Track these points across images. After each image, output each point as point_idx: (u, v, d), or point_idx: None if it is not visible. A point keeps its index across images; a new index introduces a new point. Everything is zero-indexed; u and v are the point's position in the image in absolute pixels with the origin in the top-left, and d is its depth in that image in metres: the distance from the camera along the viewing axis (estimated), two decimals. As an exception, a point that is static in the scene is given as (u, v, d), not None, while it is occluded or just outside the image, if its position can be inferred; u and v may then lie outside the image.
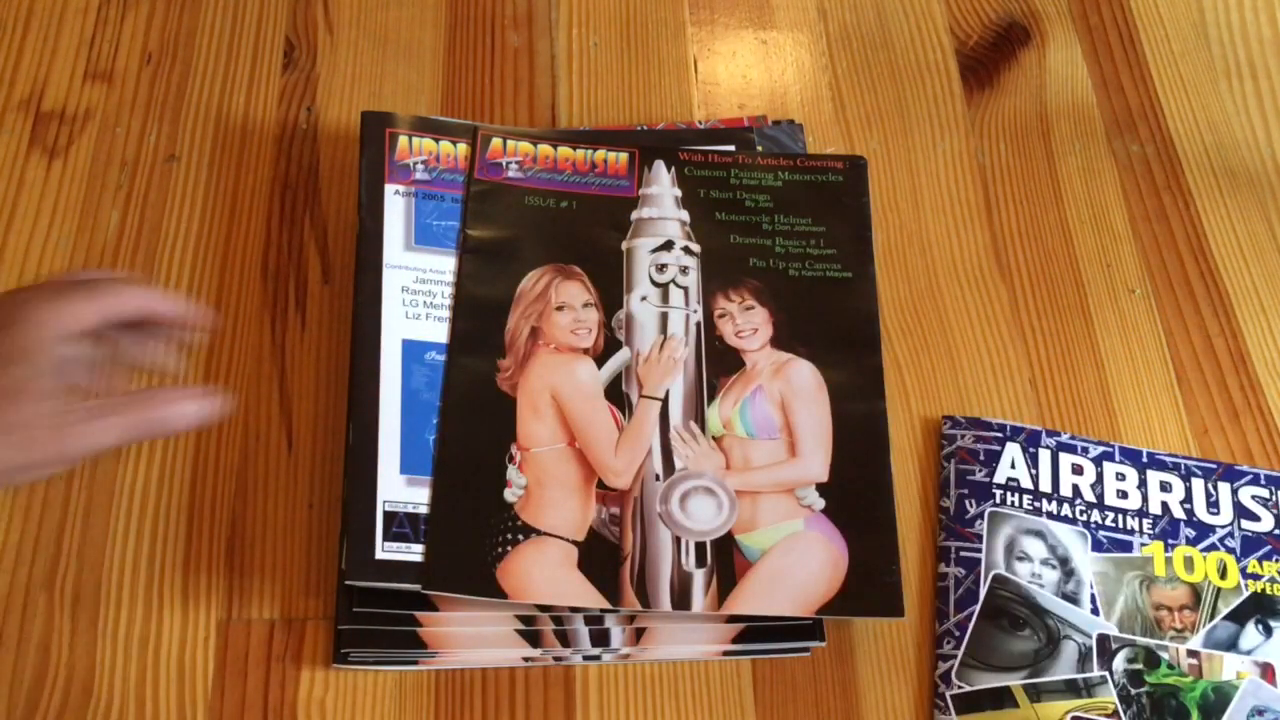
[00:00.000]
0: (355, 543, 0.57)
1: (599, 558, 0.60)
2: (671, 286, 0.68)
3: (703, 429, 0.65)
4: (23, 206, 0.68)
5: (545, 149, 0.71)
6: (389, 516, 0.58)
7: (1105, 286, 0.80)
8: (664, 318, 0.67)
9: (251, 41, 0.77)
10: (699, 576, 0.60)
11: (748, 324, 0.68)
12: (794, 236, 0.71)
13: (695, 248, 0.69)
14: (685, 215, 0.70)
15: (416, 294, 0.66)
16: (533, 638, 0.60)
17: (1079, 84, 0.89)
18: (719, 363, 0.66)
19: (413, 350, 0.64)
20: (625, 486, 0.62)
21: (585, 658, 0.61)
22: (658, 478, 0.63)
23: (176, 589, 0.60)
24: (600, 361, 0.65)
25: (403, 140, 0.70)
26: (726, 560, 0.61)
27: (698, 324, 0.67)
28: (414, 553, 0.58)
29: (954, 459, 0.71)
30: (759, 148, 0.75)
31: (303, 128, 0.75)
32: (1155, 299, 0.80)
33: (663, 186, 0.71)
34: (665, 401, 0.65)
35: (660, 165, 0.72)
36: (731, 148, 0.74)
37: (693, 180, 0.72)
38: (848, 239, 0.72)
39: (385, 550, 0.58)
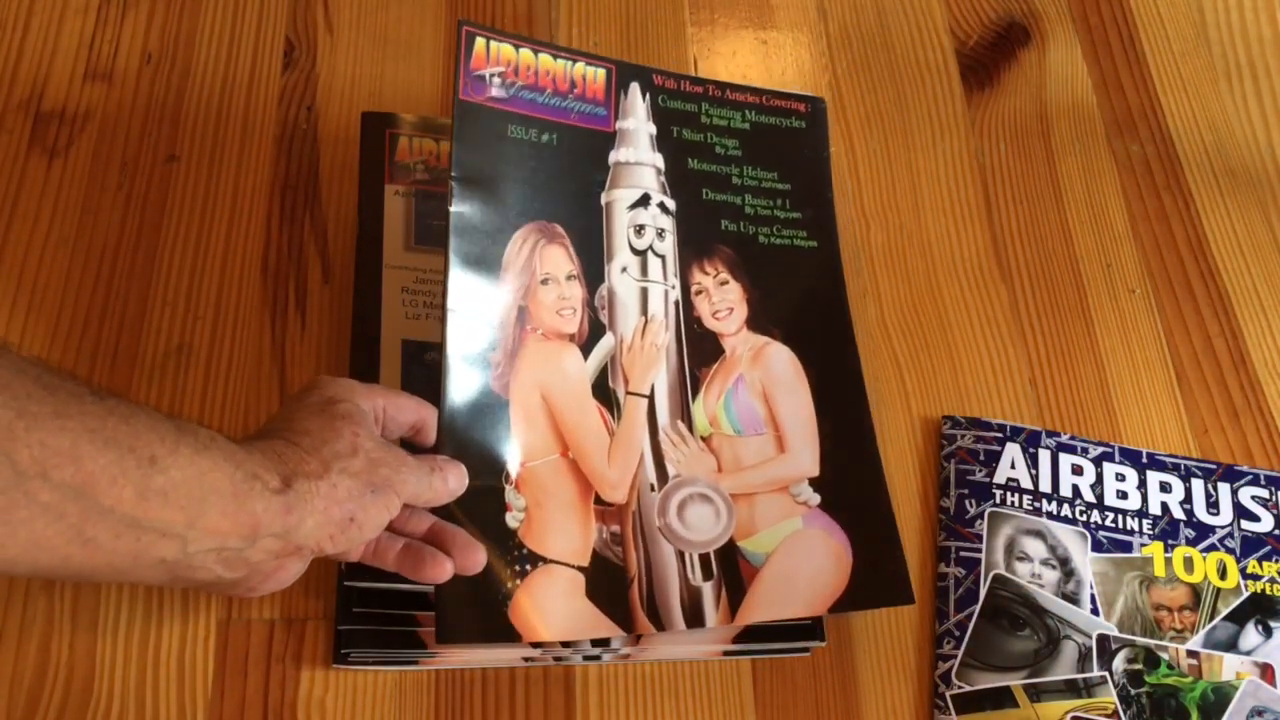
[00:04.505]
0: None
1: (606, 583, 0.59)
2: (650, 255, 0.66)
3: (690, 428, 0.64)
4: (23, 206, 0.68)
5: (526, 55, 0.64)
6: (389, 517, 0.58)
7: (1105, 286, 0.80)
8: (644, 295, 0.65)
9: (251, 41, 0.77)
10: (708, 590, 0.60)
11: (724, 302, 0.67)
12: (761, 194, 0.70)
13: (670, 204, 0.67)
14: (660, 161, 0.67)
15: (416, 294, 0.66)
16: (533, 638, 0.60)
17: (1079, 84, 0.89)
18: (699, 350, 0.65)
19: (413, 350, 0.64)
20: (622, 500, 0.61)
21: (585, 658, 0.61)
22: (653, 488, 0.61)
23: (176, 588, 0.60)
24: (585, 349, 0.63)
25: (403, 140, 0.70)
26: (732, 569, 0.60)
27: (676, 302, 0.66)
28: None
29: (954, 459, 0.71)
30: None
31: (303, 128, 0.74)
32: (1155, 299, 0.80)
33: (639, 120, 0.67)
34: (651, 398, 0.63)
35: (636, 90, 0.67)
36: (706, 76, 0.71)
37: (666, 114, 0.68)
38: (811, 200, 0.71)
39: (385, 551, 0.57)
